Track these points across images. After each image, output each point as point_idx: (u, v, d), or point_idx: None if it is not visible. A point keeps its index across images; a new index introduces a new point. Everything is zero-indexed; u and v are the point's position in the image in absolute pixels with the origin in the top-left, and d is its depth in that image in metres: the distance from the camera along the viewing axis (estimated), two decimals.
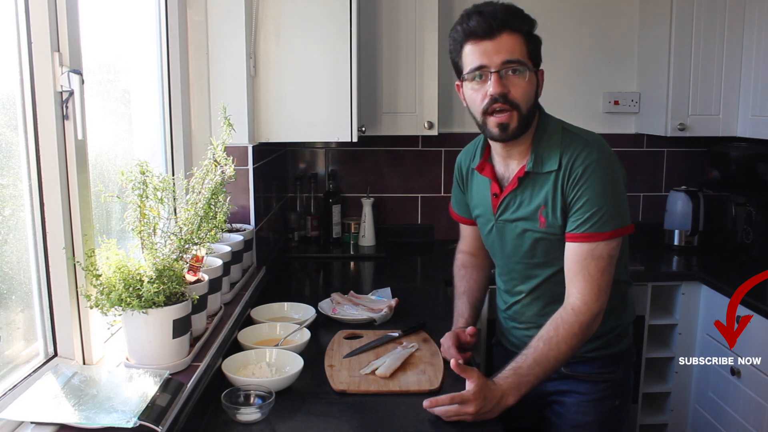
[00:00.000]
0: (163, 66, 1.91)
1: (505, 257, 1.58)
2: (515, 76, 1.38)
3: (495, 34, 1.36)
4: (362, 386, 1.48)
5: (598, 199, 1.38)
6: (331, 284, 2.54)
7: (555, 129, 1.46)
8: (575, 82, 3.00)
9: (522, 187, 1.48)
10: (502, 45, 1.36)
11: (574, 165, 1.40)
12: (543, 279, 1.53)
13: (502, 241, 1.56)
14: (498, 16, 1.36)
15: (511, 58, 1.36)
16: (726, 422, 2.35)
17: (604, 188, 1.38)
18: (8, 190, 1.18)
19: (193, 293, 1.34)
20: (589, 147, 1.41)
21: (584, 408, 1.57)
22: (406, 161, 3.03)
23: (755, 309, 2.16)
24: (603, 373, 1.56)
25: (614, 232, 1.38)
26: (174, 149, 1.98)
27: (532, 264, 1.53)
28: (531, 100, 1.41)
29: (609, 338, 1.55)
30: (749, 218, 2.71)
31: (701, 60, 2.68)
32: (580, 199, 1.39)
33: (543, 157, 1.44)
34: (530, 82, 1.39)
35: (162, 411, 1.12)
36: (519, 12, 1.39)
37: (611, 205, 1.38)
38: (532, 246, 1.50)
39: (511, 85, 1.38)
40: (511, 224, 1.52)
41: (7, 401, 1.08)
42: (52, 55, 1.20)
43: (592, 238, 1.38)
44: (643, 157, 3.08)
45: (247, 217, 2.13)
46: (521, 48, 1.37)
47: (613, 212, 1.38)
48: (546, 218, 1.45)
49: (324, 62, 2.17)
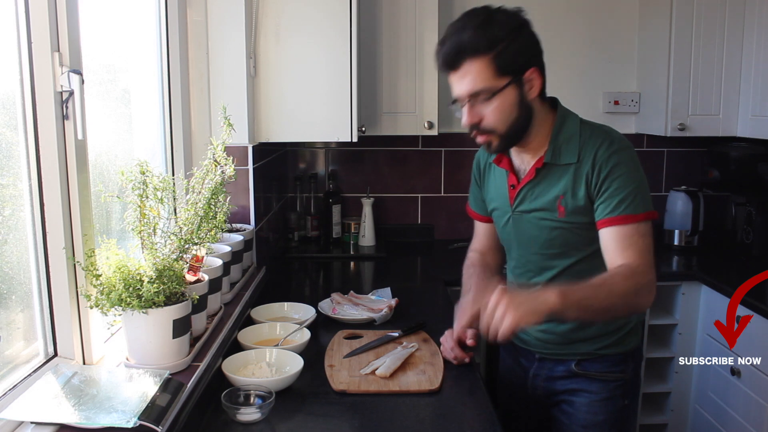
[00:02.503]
0: (163, 66, 1.91)
1: (521, 249, 1.58)
2: (485, 103, 1.38)
3: (456, 65, 1.37)
4: (362, 386, 1.48)
5: (629, 182, 1.41)
6: (331, 284, 2.54)
7: (573, 122, 1.49)
8: (575, 82, 3.00)
9: (539, 178, 1.49)
10: (465, 75, 1.36)
11: (597, 155, 1.43)
12: (560, 270, 1.52)
13: (518, 232, 1.56)
14: (454, 47, 1.36)
15: (474, 89, 1.36)
16: (726, 422, 2.35)
17: (631, 173, 1.42)
18: (8, 190, 1.18)
19: (193, 293, 1.34)
20: (611, 137, 1.45)
21: (595, 408, 1.56)
22: (406, 161, 3.03)
23: (755, 309, 2.16)
24: (614, 372, 1.55)
25: (647, 214, 1.41)
26: (174, 149, 1.98)
27: (549, 255, 1.53)
28: (510, 117, 1.40)
29: (620, 336, 1.55)
30: (749, 218, 2.71)
31: (701, 60, 2.68)
32: (612, 185, 1.41)
33: (561, 149, 1.46)
34: (504, 101, 1.38)
35: (162, 411, 1.12)
36: (481, 31, 1.34)
37: (640, 188, 1.42)
38: (550, 236, 1.51)
39: (483, 111, 1.39)
40: (528, 215, 1.53)
41: (7, 401, 1.08)
42: (52, 55, 1.20)
43: (629, 219, 1.39)
44: (643, 157, 3.01)
45: (247, 217, 2.13)
46: (485, 72, 1.35)
47: (644, 195, 1.42)
48: (565, 207, 1.46)
49: (324, 62, 2.17)
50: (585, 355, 1.55)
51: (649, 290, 1.36)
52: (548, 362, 1.61)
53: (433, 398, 1.45)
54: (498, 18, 1.37)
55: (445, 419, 1.37)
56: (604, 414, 1.56)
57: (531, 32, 1.41)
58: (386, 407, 1.40)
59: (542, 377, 1.63)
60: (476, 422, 1.37)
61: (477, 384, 1.54)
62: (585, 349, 1.55)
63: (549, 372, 1.61)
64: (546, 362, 1.61)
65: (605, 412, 1.56)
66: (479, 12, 1.38)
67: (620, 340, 1.55)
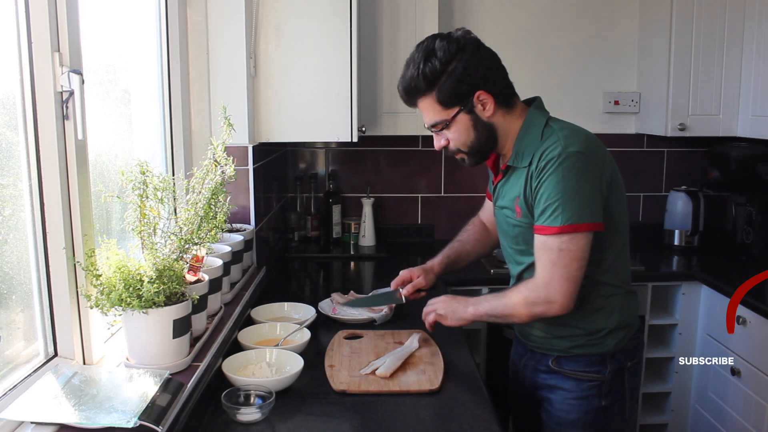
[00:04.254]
0: (163, 66, 1.91)
1: (501, 239, 1.68)
2: (445, 130, 1.52)
3: (412, 104, 1.53)
4: (362, 386, 1.48)
5: (553, 194, 1.41)
6: (331, 284, 2.54)
7: (537, 127, 1.50)
8: (575, 82, 3.00)
9: (506, 179, 1.58)
10: (422, 110, 1.52)
11: (539, 160, 1.45)
12: (526, 266, 1.57)
13: (499, 227, 1.66)
14: (404, 90, 1.50)
15: (431, 121, 1.52)
16: (726, 422, 2.35)
17: (560, 184, 1.41)
18: (8, 190, 1.18)
19: (193, 293, 1.34)
20: (557, 143, 1.43)
21: (568, 406, 1.58)
22: (406, 161, 3.03)
23: (755, 309, 2.16)
24: (588, 372, 1.56)
25: (563, 228, 1.40)
26: (174, 149, 1.98)
27: (517, 250, 1.60)
28: (469, 139, 1.51)
29: (596, 337, 1.55)
30: (749, 218, 2.71)
31: (701, 60, 2.68)
32: (538, 192, 1.44)
33: (523, 153, 1.50)
34: (458, 127, 1.50)
35: (162, 411, 1.12)
36: (421, 70, 1.44)
37: (566, 200, 1.40)
38: (514, 233, 1.58)
39: (447, 136, 1.53)
40: (501, 210, 1.61)
41: (7, 401, 1.08)
42: (52, 55, 1.20)
43: (543, 231, 1.44)
44: (643, 157, 3.08)
45: (247, 217, 2.13)
46: (434, 107, 1.49)
47: (566, 208, 1.40)
48: (521, 208, 1.51)
49: (324, 62, 2.17)
50: (562, 353, 1.58)
51: (547, 301, 1.43)
52: (537, 354, 1.64)
53: (433, 398, 1.46)
54: (436, 52, 1.44)
55: (445, 419, 1.37)
56: (576, 413, 1.57)
57: (471, 56, 1.45)
58: (386, 407, 1.40)
59: (530, 368, 1.67)
60: (476, 422, 1.37)
61: (477, 384, 1.54)
62: (561, 346, 1.58)
63: (536, 364, 1.65)
64: (535, 354, 1.65)
65: (578, 411, 1.57)
66: (423, 46, 1.47)
67: (596, 341, 1.55)
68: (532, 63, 2.91)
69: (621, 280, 1.57)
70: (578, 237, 1.41)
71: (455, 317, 1.59)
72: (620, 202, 1.51)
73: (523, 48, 2.92)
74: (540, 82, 2.89)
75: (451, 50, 1.43)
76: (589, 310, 1.52)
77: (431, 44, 1.45)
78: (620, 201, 1.51)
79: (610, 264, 1.53)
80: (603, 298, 1.54)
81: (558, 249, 1.41)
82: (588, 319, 1.53)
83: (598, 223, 1.43)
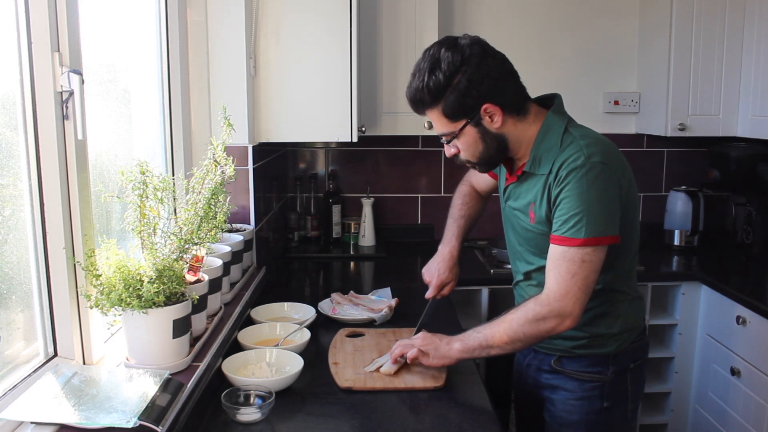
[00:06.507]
0: (163, 66, 1.91)
1: (510, 235, 1.66)
2: (454, 141, 1.49)
3: (420, 113, 1.50)
4: (368, 383, 1.48)
5: (577, 205, 1.38)
6: (331, 284, 2.54)
7: (556, 133, 1.47)
8: (575, 82, 3.00)
9: (520, 182, 1.55)
10: (431, 119, 1.50)
11: (560, 169, 1.42)
12: (537, 267, 1.56)
13: (508, 222, 1.65)
14: (411, 100, 1.48)
15: (440, 132, 1.50)
16: (726, 422, 2.35)
17: (583, 195, 1.38)
18: (8, 190, 1.18)
19: (193, 293, 1.34)
20: (580, 152, 1.41)
21: (570, 407, 1.58)
22: (406, 161, 3.03)
23: (755, 309, 2.16)
24: (590, 373, 1.56)
25: (588, 240, 1.38)
26: (174, 149, 1.98)
27: (528, 250, 1.58)
28: (477, 150, 1.48)
29: (599, 340, 1.55)
30: (749, 218, 2.71)
31: (701, 60, 2.68)
32: (561, 202, 1.41)
33: (541, 159, 1.47)
34: (466, 139, 1.47)
35: (162, 411, 1.12)
36: (427, 83, 1.41)
37: (590, 212, 1.38)
38: (526, 236, 1.56)
39: (456, 146, 1.50)
40: (512, 211, 1.59)
41: (7, 401, 1.08)
42: (52, 55, 1.20)
43: (565, 242, 1.39)
44: (643, 157, 3.08)
45: (247, 217, 2.13)
46: (441, 119, 1.46)
47: (590, 220, 1.38)
48: (535, 214, 1.49)
49: (324, 62, 2.17)
50: (564, 353, 1.57)
51: (559, 315, 1.39)
52: (540, 354, 1.64)
53: (434, 398, 1.46)
54: (441, 64, 1.40)
55: (445, 419, 1.37)
56: (578, 414, 1.57)
57: (475, 69, 1.39)
58: (386, 407, 1.41)
59: (533, 367, 1.66)
60: (476, 422, 1.37)
61: (477, 384, 1.54)
62: (563, 346, 1.57)
63: (539, 363, 1.64)
64: (538, 353, 1.65)
65: (580, 412, 1.57)
66: (429, 55, 1.43)
67: (599, 342, 1.55)
68: (532, 63, 2.91)
69: (630, 286, 1.57)
70: (600, 249, 1.39)
71: (438, 355, 1.49)
72: (635, 210, 1.51)
73: (523, 48, 2.92)
74: (540, 83, 2.83)
75: (455, 62, 1.38)
76: (594, 315, 1.52)
77: (437, 53, 1.41)
78: (635, 208, 1.51)
79: (621, 272, 1.52)
80: (609, 304, 1.54)
81: (581, 261, 1.38)
82: (592, 323, 1.52)
83: (617, 235, 1.42)
